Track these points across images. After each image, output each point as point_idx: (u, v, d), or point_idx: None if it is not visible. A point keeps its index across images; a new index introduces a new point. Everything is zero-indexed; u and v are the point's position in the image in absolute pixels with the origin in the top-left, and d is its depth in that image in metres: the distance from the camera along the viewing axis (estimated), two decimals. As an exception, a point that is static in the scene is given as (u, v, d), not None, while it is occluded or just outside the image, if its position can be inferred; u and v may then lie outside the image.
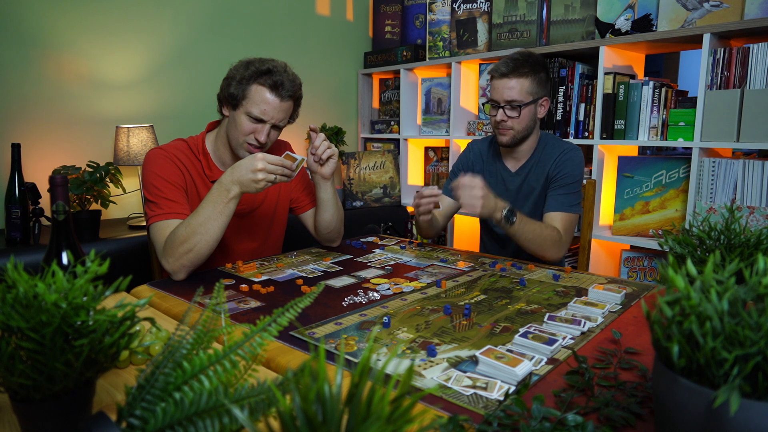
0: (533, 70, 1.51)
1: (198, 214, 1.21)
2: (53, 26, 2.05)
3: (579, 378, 0.70)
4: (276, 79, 1.31)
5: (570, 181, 1.53)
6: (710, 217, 1.60)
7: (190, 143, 1.41)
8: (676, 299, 0.46)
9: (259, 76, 1.31)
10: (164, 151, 1.36)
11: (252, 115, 1.32)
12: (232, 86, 1.32)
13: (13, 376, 0.50)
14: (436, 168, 2.95)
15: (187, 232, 1.20)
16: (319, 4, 2.94)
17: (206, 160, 1.40)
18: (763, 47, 1.70)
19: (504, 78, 1.51)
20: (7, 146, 1.94)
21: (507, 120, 1.52)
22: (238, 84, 1.31)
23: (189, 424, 0.45)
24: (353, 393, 0.35)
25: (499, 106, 1.53)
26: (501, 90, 1.52)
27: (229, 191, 1.21)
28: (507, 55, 1.55)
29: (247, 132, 1.33)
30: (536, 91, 1.52)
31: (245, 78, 1.31)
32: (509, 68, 1.50)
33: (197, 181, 1.39)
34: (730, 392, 0.39)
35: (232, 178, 1.21)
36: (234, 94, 1.31)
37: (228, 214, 1.23)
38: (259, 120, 1.33)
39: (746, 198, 1.77)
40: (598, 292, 1.08)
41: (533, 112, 1.55)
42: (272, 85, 1.31)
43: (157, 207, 1.29)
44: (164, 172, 1.31)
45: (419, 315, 0.98)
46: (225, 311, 0.97)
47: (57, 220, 0.85)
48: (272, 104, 1.32)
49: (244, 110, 1.32)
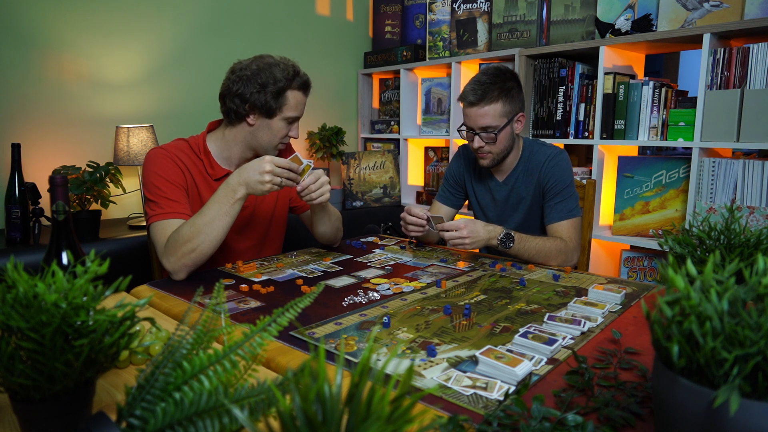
0: (503, 91, 1.46)
1: (203, 214, 1.21)
2: (53, 26, 2.05)
3: (579, 378, 0.70)
4: (304, 79, 1.38)
5: (563, 187, 1.53)
6: (710, 217, 1.60)
7: (191, 143, 1.41)
8: (676, 299, 0.46)
9: (290, 82, 1.34)
10: (165, 151, 1.36)
11: (290, 117, 1.37)
12: (267, 98, 1.32)
13: (13, 376, 0.50)
14: (436, 168, 2.95)
15: (192, 231, 1.20)
16: (319, 4, 2.94)
17: (207, 160, 1.40)
18: (763, 47, 1.70)
19: (474, 106, 1.48)
20: (7, 146, 1.94)
21: (484, 146, 1.51)
22: (275, 96, 1.33)
23: (189, 424, 0.45)
24: (353, 393, 0.35)
25: (475, 133, 1.51)
26: (474, 118, 1.49)
27: (236, 192, 1.22)
28: (475, 77, 1.50)
29: (285, 135, 1.39)
30: (509, 110, 1.49)
31: (281, 89, 1.33)
32: (477, 96, 1.46)
33: (198, 180, 1.39)
34: (730, 392, 0.39)
35: (239, 179, 1.22)
36: (272, 106, 1.34)
37: (233, 215, 1.24)
38: (295, 120, 1.39)
39: (746, 198, 1.77)
40: (598, 292, 1.08)
41: (510, 132, 1.52)
42: (302, 86, 1.37)
43: (158, 206, 1.29)
44: (165, 172, 1.32)
45: (419, 315, 0.98)
46: (225, 311, 0.97)
47: (57, 220, 0.85)
48: (304, 102, 1.40)
49: (282, 117, 1.36)
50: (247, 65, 1.35)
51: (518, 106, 1.52)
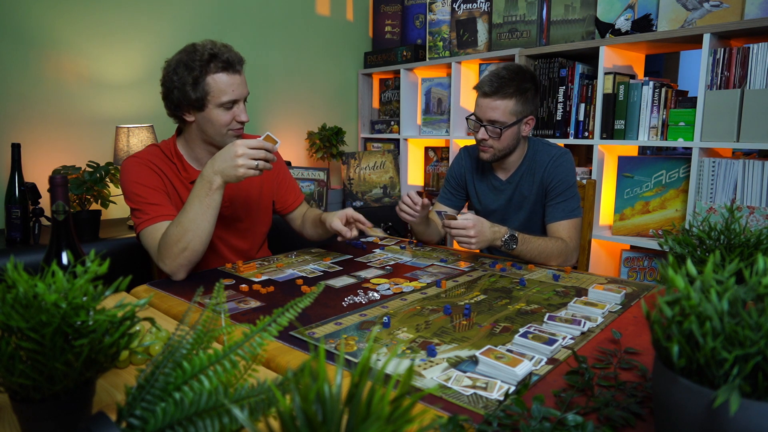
0: (519, 90, 1.47)
1: (186, 212, 1.21)
2: (53, 26, 2.05)
3: (579, 378, 0.70)
4: (225, 57, 1.28)
5: (565, 188, 1.53)
6: (710, 217, 1.60)
7: (162, 147, 1.40)
8: (676, 299, 0.46)
9: (207, 65, 1.26)
10: (139, 159, 1.35)
11: (224, 104, 1.29)
12: (187, 91, 1.27)
13: (13, 376, 0.50)
14: (436, 168, 2.95)
15: (179, 231, 1.20)
16: (319, 4, 2.94)
17: (180, 162, 1.40)
18: (763, 47, 1.70)
19: (487, 98, 1.48)
20: (7, 146, 1.94)
21: (488, 139, 1.51)
22: (194, 86, 1.26)
23: (189, 424, 0.45)
24: (353, 393, 0.35)
25: (482, 124, 1.51)
26: (484, 109, 1.49)
27: (211, 183, 1.20)
28: (495, 70, 1.50)
29: (227, 122, 1.31)
30: (521, 110, 1.49)
31: (197, 77, 1.26)
32: (493, 88, 1.46)
33: (175, 183, 1.39)
34: (730, 392, 0.39)
35: (213, 169, 1.20)
36: (196, 98, 1.27)
37: (215, 206, 1.22)
38: (233, 103, 1.31)
39: (746, 198, 1.77)
40: (598, 292, 1.08)
41: (516, 132, 1.52)
42: (225, 66, 1.28)
43: (143, 213, 1.28)
44: (142, 179, 1.31)
45: (419, 315, 0.98)
46: (225, 311, 0.97)
47: (57, 220, 0.85)
48: (235, 81, 1.29)
49: (214, 105, 1.29)
50: (167, 62, 1.31)
51: (530, 108, 1.52)
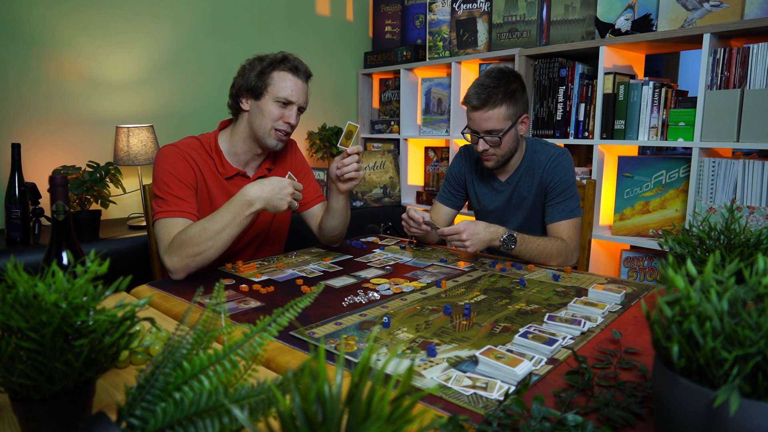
0: (507, 94, 1.45)
1: (215, 221, 1.21)
2: (53, 26, 2.05)
3: (579, 378, 0.70)
4: (294, 63, 1.39)
5: (565, 187, 1.52)
6: (710, 217, 1.60)
7: (202, 141, 1.42)
8: (676, 299, 0.46)
9: (277, 64, 1.37)
10: (177, 149, 1.36)
11: (280, 99, 1.36)
12: (252, 78, 1.36)
13: (13, 376, 0.50)
14: (436, 168, 2.95)
15: (202, 236, 1.20)
16: (319, 4, 2.94)
17: (219, 158, 1.41)
18: (763, 47, 1.70)
19: (478, 111, 1.47)
20: (7, 146, 1.94)
21: (489, 149, 1.51)
22: (259, 75, 1.36)
23: (189, 424, 0.45)
24: (353, 393, 0.35)
25: (480, 136, 1.50)
26: (478, 122, 1.48)
27: (252, 205, 1.22)
28: (478, 80, 1.49)
29: (277, 117, 1.37)
30: (513, 113, 1.48)
31: (265, 68, 1.36)
32: (481, 100, 1.45)
33: (209, 178, 1.39)
34: (730, 392, 0.39)
35: (260, 194, 1.22)
36: (257, 85, 1.36)
37: (244, 225, 1.25)
38: (287, 103, 1.38)
39: (746, 198, 1.77)
40: (598, 292, 1.08)
41: (514, 134, 1.51)
42: (292, 69, 1.38)
43: (165, 203, 1.29)
44: (175, 170, 1.32)
45: (419, 315, 0.98)
46: (225, 311, 0.97)
47: (57, 220, 0.85)
48: (297, 85, 1.38)
49: (271, 97, 1.36)
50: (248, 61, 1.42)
51: (522, 107, 1.51)
